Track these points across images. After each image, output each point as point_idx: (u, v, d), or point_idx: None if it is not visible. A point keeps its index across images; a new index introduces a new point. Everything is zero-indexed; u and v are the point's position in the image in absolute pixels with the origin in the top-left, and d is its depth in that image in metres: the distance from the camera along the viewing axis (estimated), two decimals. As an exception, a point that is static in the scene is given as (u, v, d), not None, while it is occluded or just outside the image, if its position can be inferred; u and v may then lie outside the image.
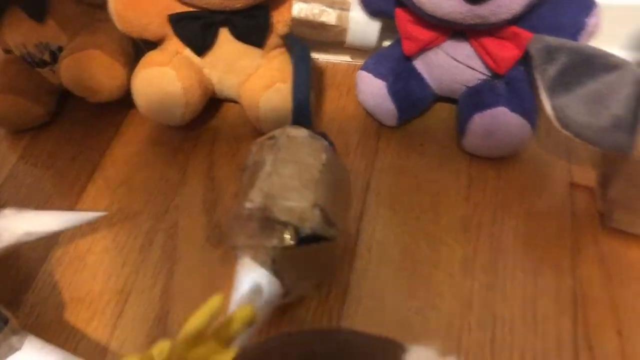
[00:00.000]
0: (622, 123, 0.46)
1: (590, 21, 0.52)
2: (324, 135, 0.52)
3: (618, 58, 0.49)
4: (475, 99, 0.56)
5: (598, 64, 0.49)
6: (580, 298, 0.49)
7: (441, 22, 0.50)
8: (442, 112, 0.63)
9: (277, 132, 0.49)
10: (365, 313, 0.50)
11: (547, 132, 0.59)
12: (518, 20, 0.52)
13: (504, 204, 0.56)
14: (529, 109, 0.54)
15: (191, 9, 0.57)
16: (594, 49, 0.51)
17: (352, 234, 0.55)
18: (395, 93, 0.58)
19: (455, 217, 0.55)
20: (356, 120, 0.64)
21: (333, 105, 0.66)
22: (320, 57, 0.70)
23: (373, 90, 0.59)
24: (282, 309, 0.49)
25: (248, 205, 0.44)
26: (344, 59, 0.69)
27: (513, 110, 0.54)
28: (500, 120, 0.54)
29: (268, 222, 0.44)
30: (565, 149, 0.59)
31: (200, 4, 0.55)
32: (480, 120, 0.55)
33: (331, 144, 0.52)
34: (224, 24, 0.57)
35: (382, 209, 0.56)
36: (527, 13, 0.51)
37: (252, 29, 0.58)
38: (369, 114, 0.63)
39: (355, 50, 0.66)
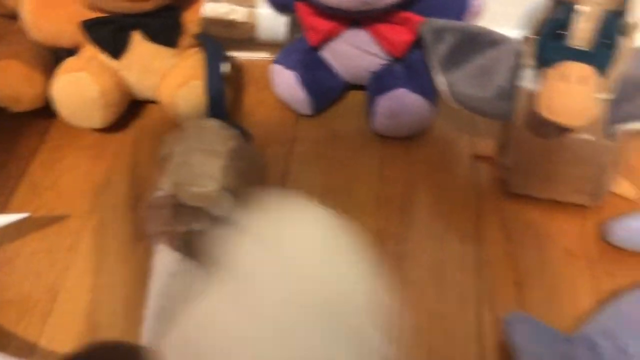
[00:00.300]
0: (504, 93, 0.51)
1: (475, 2, 0.56)
2: (239, 126, 0.55)
3: (500, 34, 0.54)
4: (378, 83, 0.60)
5: (482, 41, 0.53)
6: (483, 259, 0.53)
7: (335, 11, 0.54)
8: (355, 99, 0.67)
9: (186, 125, 0.52)
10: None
11: (451, 110, 0.63)
12: (408, 5, 0.55)
13: (413, 179, 0.59)
14: (429, 89, 0.58)
15: (102, 15, 0.59)
16: (478, 27, 0.55)
17: (272, 218, 0.57)
18: (306, 83, 0.61)
19: (368, 194, 0.58)
20: (275, 112, 0.67)
21: (253, 99, 0.69)
22: (240, 55, 0.73)
23: (285, 81, 0.62)
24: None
25: (159, 194, 0.47)
26: (261, 55, 0.72)
27: (413, 90, 0.58)
28: (402, 101, 0.58)
29: (179, 209, 0.47)
30: (468, 125, 0.63)
31: (109, 9, 0.58)
32: (384, 103, 0.58)
33: (246, 133, 0.55)
34: (135, 26, 0.60)
35: (301, 192, 0.59)
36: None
37: (164, 30, 0.60)
38: (286, 105, 0.66)
39: (271, 46, 0.69)
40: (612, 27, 0.44)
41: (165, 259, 0.47)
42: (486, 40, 0.53)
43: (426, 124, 0.61)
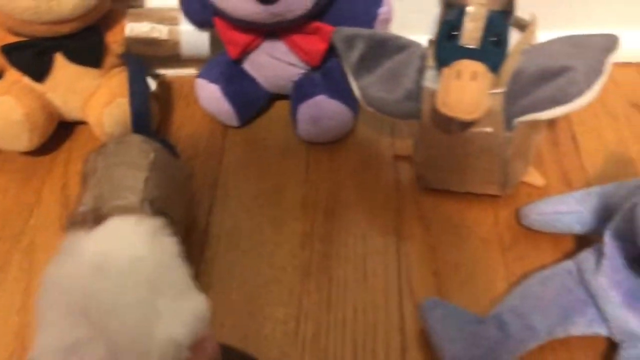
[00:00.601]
0: (412, 94, 0.53)
1: (382, 10, 0.60)
2: (163, 140, 0.56)
3: (407, 39, 0.57)
4: (298, 91, 0.62)
5: (391, 46, 0.56)
6: (403, 252, 0.55)
7: (249, 24, 0.56)
8: (281, 108, 0.69)
9: (108, 141, 0.53)
10: (215, 296, 0.54)
11: (372, 113, 0.66)
12: (319, 16, 0.58)
13: (337, 182, 0.62)
14: (347, 95, 0.60)
15: (23, 39, 0.60)
16: (386, 33, 0.58)
17: (202, 227, 0.59)
18: (230, 95, 0.63)
19: (295, 199, 0.61)
20: (203, 125, 0.69)
21: (181, 114, 0.70)
22: (168, 72, 0.75)
23: (209, 95, 0.64)
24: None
25: (81, 209, 0.48)
26: (189, 71, 0.73)
27: (331, 97, 0.60)
28: (321, 107, 0.60)
29: (102, 222, 0.48)
30: (389, 127, 0.66)
31: (28, 33, 0.59)
32: (305, 110, 0.61)
33: (170, 146, 0.57)
34: (57, 49, 0.61)
35: (230, 201, 0.61)
36: (326, 9, 0.58)
37: (86, 51, 0.61)
38: (213, 118, 0.68)
39: (197, 62, 0.70)
40: (499, 25, 0.48)
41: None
42: (394, 46, 0.56)
43: (348, 128, 0.64)
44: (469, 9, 0.47)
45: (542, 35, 0.56)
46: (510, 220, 0.57)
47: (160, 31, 0.65)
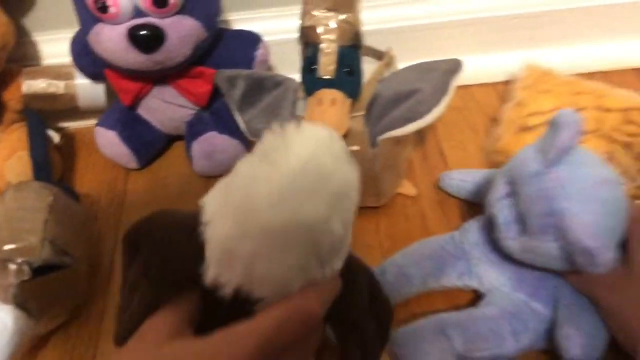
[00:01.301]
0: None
1: (258, 53, 0.67)
2: (62, 185, 0.60)
3: (282, 76, 0.64)
4: (191, 130, 0.68)
5: (268, 83, 0.63)
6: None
7: (136, 72, 0.62)
8: (179, 148, 0.74)
9: (7, 189, 0.57)
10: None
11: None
12: (201, 61, 0.64)
13: (233, 209, 0.67)
14: (235, 129, 0.65)
15: None
16: (263, 72, 0.65)
17: (107, 264, 0.62)
18: (127, 139, 0.68)
19: (194, 229, 0.65)
20: (106, 170, 0.73)
21: (84, 162, 0.74)
22: (71, 125, 0.79)
23: (108, 141, 0.68)
24: (44, 338, 0.56)
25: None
26: (90, 122, 0.77)
27: (221, 132, 0.66)
28: (213, 142, 0.66)
29: (1, 263, 0.51)
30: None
31: None
32: (197, 146, 0.66)
33: (69, 190, 0.61)
34: (-45, 109, 0.64)
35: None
36: (206, 54, 0.65)
37: (-16, 109, 0.65)
38: (115, 163, 0.72)
39: (98, 113, 0.75)
40: (350, 58, 0.55)
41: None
42: (271, 82, 0.63)
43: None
44: (322, 45, 0.54)
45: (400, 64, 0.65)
46: (389, 228, 0.64)
47: (57, 86, 0.69)
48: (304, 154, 0.30)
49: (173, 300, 0.32)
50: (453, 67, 0.61)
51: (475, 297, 0.57)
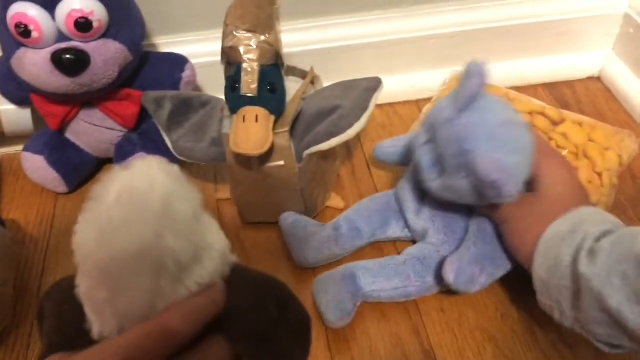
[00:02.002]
0: (216, 141, 0.61)
1: (185, 74, 0.68)
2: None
3: (208, 95, 0.66)
4: (119, 152, 0.69)
5: (195, 103, 0.64)
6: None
7: (62, 96, 0.62)
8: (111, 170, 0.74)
9: None
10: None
11: (197, 165, 0.74)
12: (127, 83, 0.65)
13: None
14: (164, 149, 0.66)
15: None
16: (190, 92, 0.67)
17: (35, 290, 0.62)
18: (54, 163, 0.68)
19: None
20: (33, 196, 0.72)
21: (11, 188, 0.73)
22: (-2, 152, 0.78)
23: (35, 165, 0.68)
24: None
25: None
26: (18, 148, 0.76)
27: (150, 153, 0.67)
28: (141, 163, 0.66)
29: None
30: (212, 175, 0.74)
31: None
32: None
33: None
34: None
35: (61, 263, 0.65)
36: (133, 76, 0.66)
37: None
38: (44, 188, 0.71)
39: (25, 138, 0.74)
40: (271, 76, 0.56)
41: None
42: (198, 102, 0.64)
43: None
44: (244, 65, 0.56)
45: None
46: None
47: (-21, 118, 0.69)
48: (118, 186, 0.31)
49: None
50: (373, 84, 0.64)
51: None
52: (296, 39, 0.77)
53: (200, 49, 0.74)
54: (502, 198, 0.51)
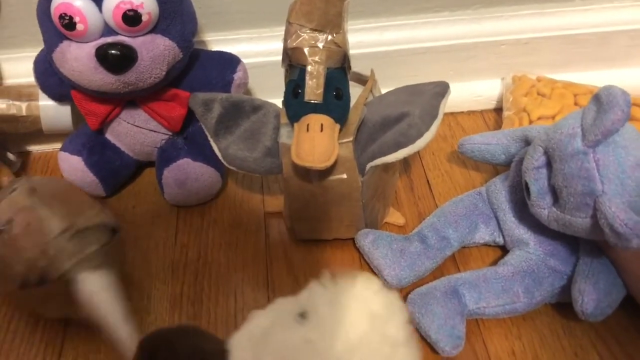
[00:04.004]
0: (271, 151, 0.56)
1: (237, 76, 0.63)
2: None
3: (261, 100, 0.60)
4: (163, 156, 0.63)
5: (246, 107, 0.59)
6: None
7: (105, 94, 0.57)
8: (151, 175, 0.69)
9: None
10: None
11: (243, 175, 0.69)
12: (175, 83, 0.60)
13: (207, 242, 0.62)
14: (211, 156, 0.61)
15: None
16: (241, 95, 0.61)
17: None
18: (93, 165, 0.63)
19: (164, 263, 0.60)
20: (70, 198, 0.68)
21: (47, 189, 0.69)
22: (35, 148, 0.74)
23: (72, 167, 0.63)
24: None
25: None
26: (56, 146, 0.72)
27: (195, 159, 0.62)
28: (185, 169, 0.62)
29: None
30: (259, 185, 0.68)
31: None
32: (170, 174, 0.62)
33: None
34: None
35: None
36: (181, 76, 0.61)
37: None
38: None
39: (64, 136, 0.70)
40: (338, 81, 0.51)
41: None
42: (250, 106, 0.59)
43: (215, 189, 0.65)
44: (309, 68, 0.50)
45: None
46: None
47: (18, 107, 0.64)
48: (353, 338, 0.28)
49: None
50: (441, 89, 0.58)
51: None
52: (351, 40, 0.71)
53: (251, 48, 0.69)
54: (626, 247, 0.45)
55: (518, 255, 0.56)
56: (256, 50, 0.69)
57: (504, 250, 0.60)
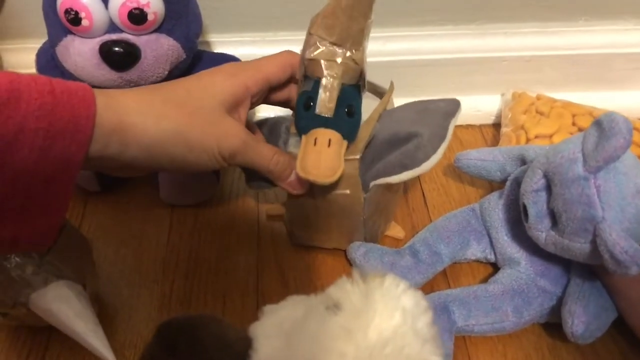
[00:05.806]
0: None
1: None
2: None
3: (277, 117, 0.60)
4: (160, 154, 0.63)
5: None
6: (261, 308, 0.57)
7: (106, 91, 0.57)
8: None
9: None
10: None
11: (239, 177, 0.69)
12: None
13: (199, 243, 0.62)
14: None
15: None
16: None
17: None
18: (89, 160, 0.63)
19: (155, 262, 0.60)
20: (65, 191, 0.67)
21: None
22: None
23: (69, 160, 0.63)
24: None
25: None
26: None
27: (193, 159, 0.62)
28: (183, 169, 0.62)
29: None
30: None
31: None
32: (167, 173, 0.62)
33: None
34: None
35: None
36: (183, 76, 0.60)
37: None
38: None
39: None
40: (351, 98, 0.51)
41: None
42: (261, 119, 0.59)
43: (212, 190, 0.65)
44: (323, 81, 0.50)
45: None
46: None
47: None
48: (386, 329, 0.29)
49: None
50: (452, 109, 0.57)
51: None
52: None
53: (254, 52, 0.69)
54: (624, 273, 0.45)
55: (509, 274, 0.56)
56: (259, 54, 0.68)
57: (495, 267, 0.60)
